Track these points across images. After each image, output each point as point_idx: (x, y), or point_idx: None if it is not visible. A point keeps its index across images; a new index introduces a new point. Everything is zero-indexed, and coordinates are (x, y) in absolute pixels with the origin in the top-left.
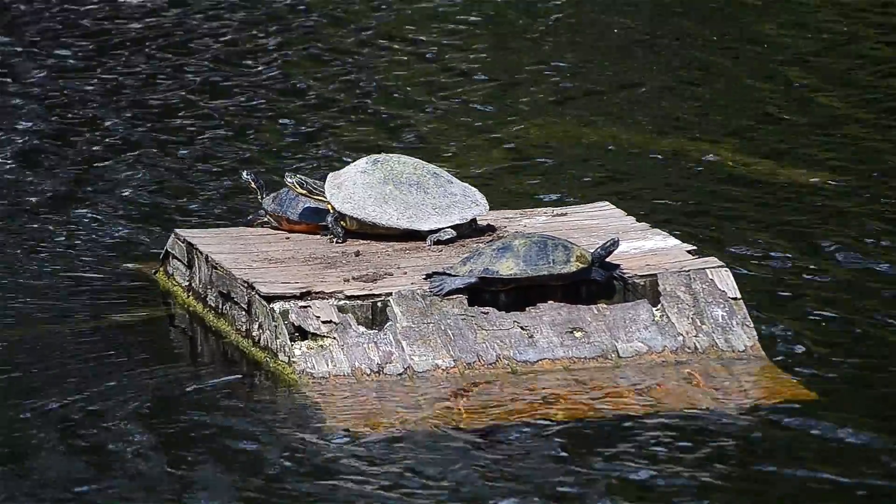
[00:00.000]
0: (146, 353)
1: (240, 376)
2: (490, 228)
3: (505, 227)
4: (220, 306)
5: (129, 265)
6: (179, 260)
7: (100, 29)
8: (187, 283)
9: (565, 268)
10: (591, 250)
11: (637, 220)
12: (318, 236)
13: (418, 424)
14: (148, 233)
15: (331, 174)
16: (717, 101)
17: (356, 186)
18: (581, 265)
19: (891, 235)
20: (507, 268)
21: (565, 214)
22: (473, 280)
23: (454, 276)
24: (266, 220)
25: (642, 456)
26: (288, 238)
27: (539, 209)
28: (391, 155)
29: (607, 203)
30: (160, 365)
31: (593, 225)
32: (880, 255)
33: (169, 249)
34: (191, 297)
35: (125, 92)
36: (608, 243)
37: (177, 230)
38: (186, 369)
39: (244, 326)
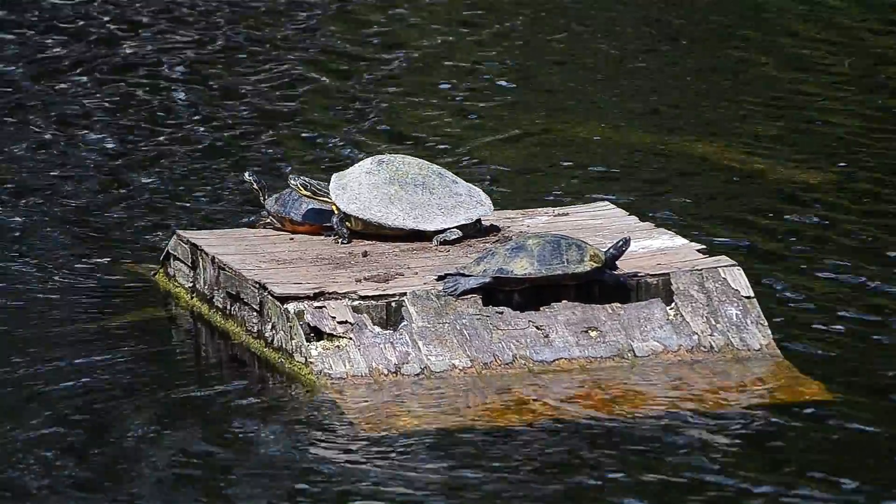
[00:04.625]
0: (155, 355)
1: (255, 377)
2: (494, 229)
3: (508, 227)
4: (229, 307)
5: (128, 267)
6: (182, 261)
7: (101, 30)
8: (191, 285)
9: (579, 267)
10: (603, 250)
11: (640, 220)
12: (322, 237)
13: (438, 424)
14: (147, 234)
15: (335, 175)
16: (719, 100)
17: (361, 187)
18: (595, 264)
19: None
20: (522, 267)
21: (567, 214)
22: (488, 280)
23: (468, 276)
24: (268, 221)
25: (658, 455)
26: (292, 239)
27: (540, 209)
28: (396, 155)
29: (608, 202)
30: (173, 366)
31: (597, 224)
32: (895, 253)
33: (170, 251)
34: (195, 299)
35: (124, 93)
36: (620, 243)
37: (179, 231)
38: (199, 370)
39: (255, 327)
